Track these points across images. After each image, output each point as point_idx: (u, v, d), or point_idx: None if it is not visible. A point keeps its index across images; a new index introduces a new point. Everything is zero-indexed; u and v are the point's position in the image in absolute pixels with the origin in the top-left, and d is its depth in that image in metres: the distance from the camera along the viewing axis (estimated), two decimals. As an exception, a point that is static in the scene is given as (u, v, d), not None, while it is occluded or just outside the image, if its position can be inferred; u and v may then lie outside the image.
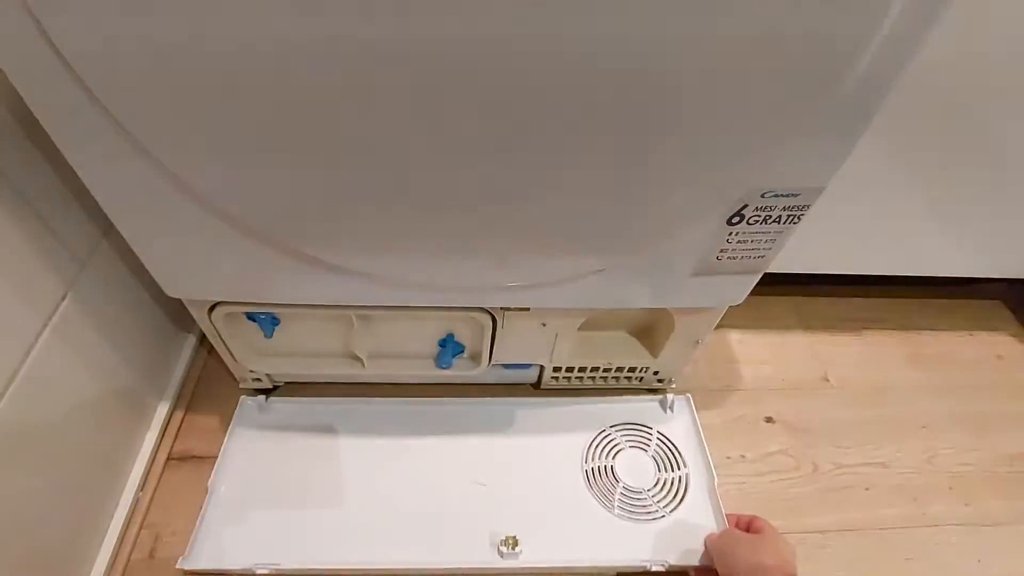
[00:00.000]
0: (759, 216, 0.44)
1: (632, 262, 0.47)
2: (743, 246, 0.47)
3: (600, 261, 0.46)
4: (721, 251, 0.47)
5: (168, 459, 0.66)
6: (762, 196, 0.42)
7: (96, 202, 0.41)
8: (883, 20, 0.31)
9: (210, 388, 0.72)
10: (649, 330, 0.68)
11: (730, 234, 0.45)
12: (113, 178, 0.40)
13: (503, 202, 0.41)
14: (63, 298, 0.51)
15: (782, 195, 0.42)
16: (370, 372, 0.65)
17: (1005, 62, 0.54)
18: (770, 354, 0.83)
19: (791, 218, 0.44)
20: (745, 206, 0.43)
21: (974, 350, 0.87)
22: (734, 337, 0.84)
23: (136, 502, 0.61)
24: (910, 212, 0.71)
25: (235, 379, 0.69)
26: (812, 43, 0.32)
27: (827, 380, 0.81)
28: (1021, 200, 0.71)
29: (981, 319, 0.91)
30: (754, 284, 0.53)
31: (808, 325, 0.87)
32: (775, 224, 0.45)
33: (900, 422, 0.77)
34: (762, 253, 0.48)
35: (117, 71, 0.32)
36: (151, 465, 0.64)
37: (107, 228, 0.57)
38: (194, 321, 0.58)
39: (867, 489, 0.70)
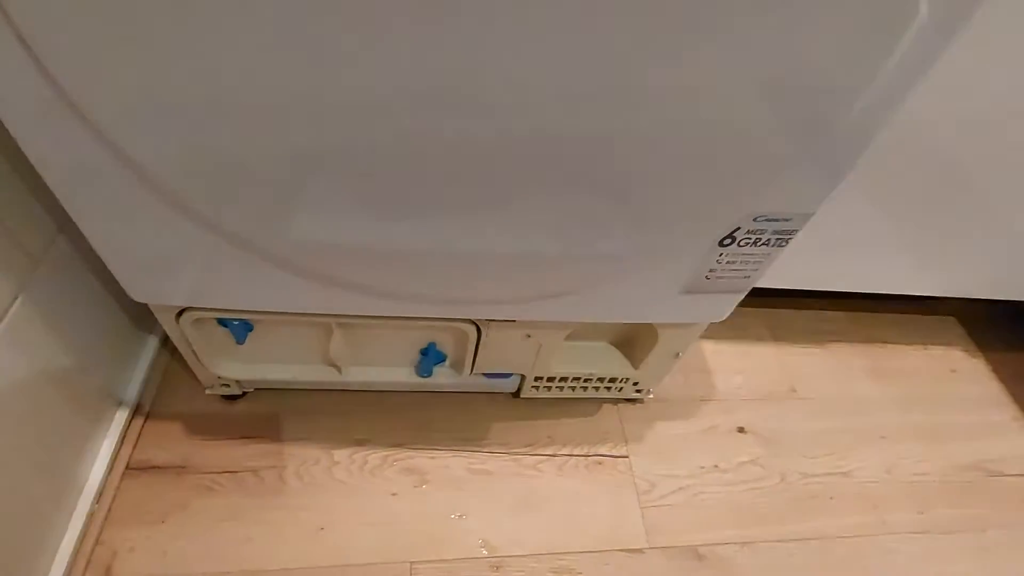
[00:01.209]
0: (750, 239, 0.44)
1: (623, 281, 0.47)
2: (732, 267, 0.47)
3: (591, 282, 0.46)
4: (711, 271, 0.47)
5: (126, 469, 0.62)
6: (755, 220, 0.42)
7: (52, 194, 0.38)
8: (876, 75, 0.32)
9: (173, 393, 0.68)
10: (631, 341, 0.69)
11: (720, 255, 0.46)
12: (72, 171, 0.37)
13: (494, 218, 0.40)
14: (14, 300, 0.47)
15: (774, 219, 0.43)
16: (347, 379, 0.63)
17: (957, 91, 0.56)
18: (742, 365, 0.85)
19: (780, 241, 0.45)
20: (737, 229, 0.43)
21: (929, 364, 0.92)
22: (708, 347, 0.85)
23: (91, 516, 0.58)
24: (872, 234, 0.74)
25: (200, 384, 0.66)
26: (812, 94, 0.33)
27: (795, 391, 0.83)
28: (975, 223, 0.75)
29: (936, 334, 0.96)
30: (738, 302, 0.53)
31: (777, 337, 0.89)
32: (764, 247, 0.45)
33: (862, 433, 0.80)
34: (748, 274, 0.49)
35: (68, 34, 0.29)
36: (108, 476, 0.60)
37: (63, 223, 0.53)
38: (157, 321, 0.55)
39: (831, 498, 0.73)
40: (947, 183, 0.67)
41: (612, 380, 0.70)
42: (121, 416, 0.64)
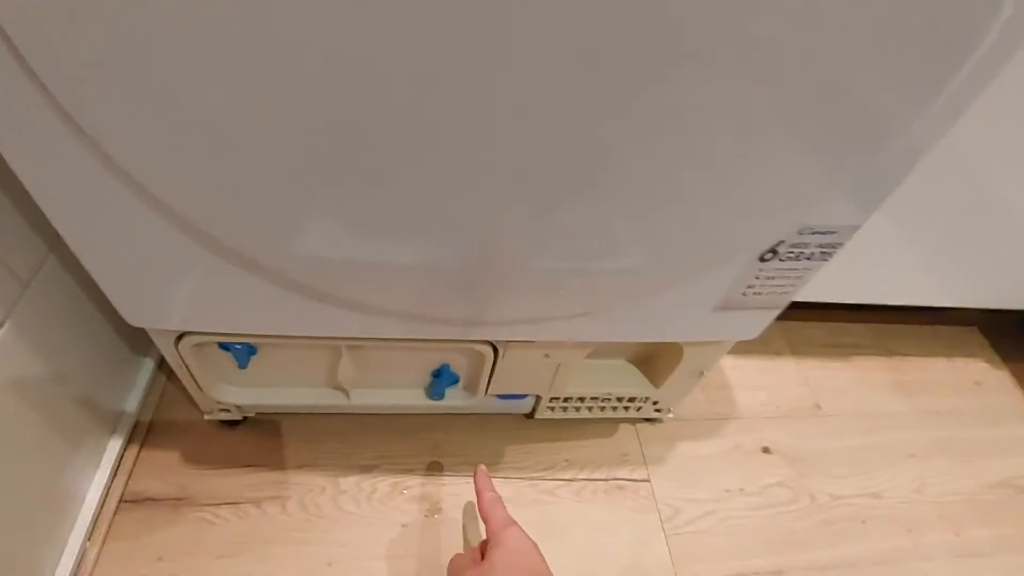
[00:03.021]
0: (792, 253, 0.41)
1: (654, 299, 0.44)
2: (771, 282, 0.44)
3: (620, 300, 0.43)
4: (748, 287, 0.44)
5: (120, 502, 0.58)
6: (799, 233, 0.40)
7: (42, 212, 0.35)
8: (944, 90, 0.30)
9: (170, 420, 0.65)
10: (651, 358, 0.65)
11: (760, 270, 0.43)
12: (65, 188, 0.33)
13: (522, 236, 0.37)
14: (0, 326, 0.44)
15: (819, 232, 0.40)
16: (354, 403, 0.60)
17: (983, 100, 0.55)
18: (763, 380, 0.82)
19: (823, 255, 0.42)
20: (781, 243, 0.40)
21: (953, 376, 0.89)
22: (727, 362, 0.82)
23: (83, 553, 0.54)
24: (893, 245, 0.72)
25: (199, 409, 0.62)
26: (869, 112, 0.31)
27: (819, 407, 0.80)
28: (998, 232, 0.72)
29: (958, 345, 0.93)
30: (773, 319, 0.50)
31: (797, 350, 0.86)
32: (806, 261, 0.43)
33: (890, 450, 0.77)
34: (787, 289, 0.46)
35: (51, 34, 0.26)
36: (100, 510, 0.57)
37: (54, 242, 0.50)
38: (153, 343, 0.51)
39: (863, 521, 0.69)
40: (969, 192, 0.65)
41: (631, 399, 0.67)
42: (115, 445, 0.60)
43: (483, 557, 0.46)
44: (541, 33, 0.26)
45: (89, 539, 0.55)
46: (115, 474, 0.59)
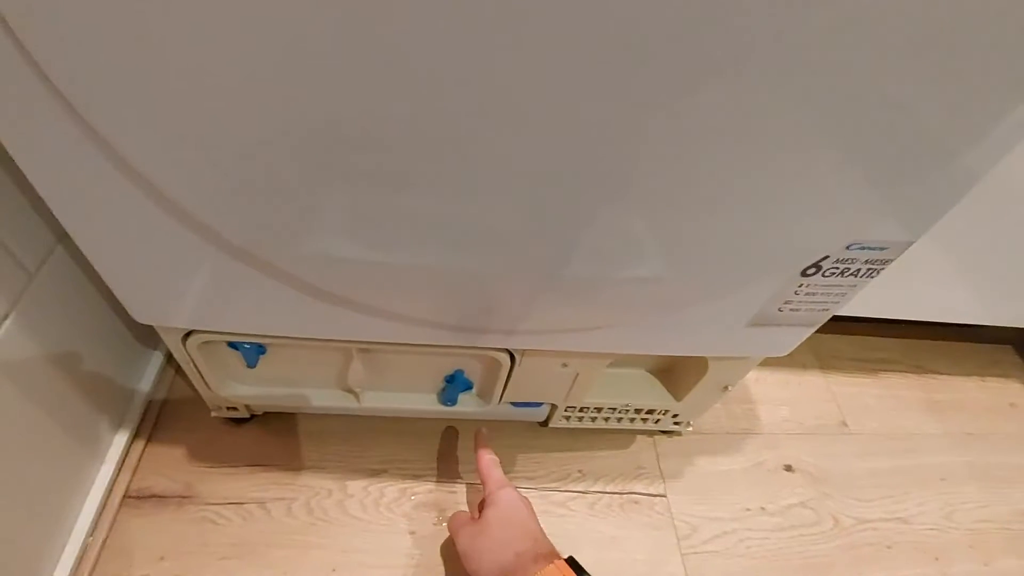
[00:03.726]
0: (837, 269, 0.39)
1: (686, 312, 0.42)
2: (811, 299, 0.41)
3: (652, 313, 0.40)
4: (785, 303, 0.42)
5: (124, 498, 0.57)
6: (847, 248, 0.37)
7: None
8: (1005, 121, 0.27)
9: (177, 415, 0.63)
10: (673, 370, 0.63)
11: (800, 286, 0.40)
12: (71, 184, 0.32)
13: (553, 245, 0.35)
14: (5, 317, 0.43)
15: (869, 248, 0.37)
16: (364, 406, 0.58)
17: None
18: (787, 395, 0.78)
19: (870, 272, 0.39)
20: (825, 257, 0.37)
21: (987, 397, 0.85)
22: (750, 375, 0.79)
23: (85, 549, 0.53)
24: (927, 259, 0.68)
25: (207, 405, 0.61)
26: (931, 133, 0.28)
27: (845, 425, 0.77)
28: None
29: (992, 364, 0.89)
30: (807, 336, 0.48)
31: (825, 365, 0.83)
32: (851, 277, 0.40)
33: (919, 473, 0.74)
34: (827, 306, 0.43)
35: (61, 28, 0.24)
36: (104, 505, 0.55)
37: (62, 233, 0.48)
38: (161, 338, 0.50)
39: (889, 547, 0.66)
40: (1010, 207, 0.61)
41: (650, 411, 0.65)
42: (120, 440, 0.59)
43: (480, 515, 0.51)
44: (589, 30, 0.23)
45: (91, 535, 0.54)
46: (120, 469, 0.58)
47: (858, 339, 0.87)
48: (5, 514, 0.45)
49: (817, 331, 0.86)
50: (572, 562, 0.45)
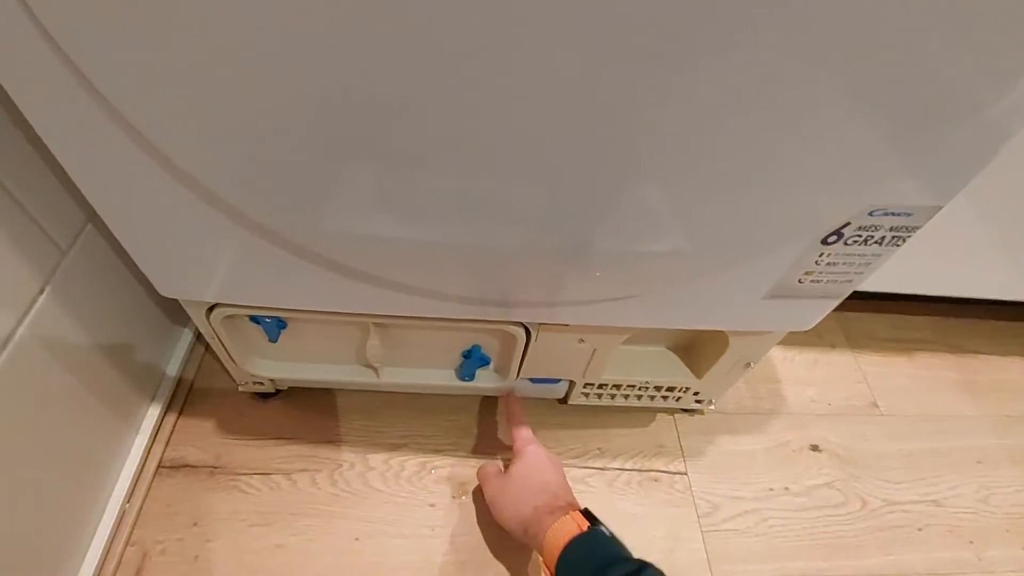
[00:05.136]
0: (859, 236, 0.37)
1: (700, 282, 0.41)
2: (832, 269, 0.40)
3: (667, 284, 0.40)
4: (806, 273, 0.40)
5: (159, 467, 0.60)
6: (870, 214, 0.35)
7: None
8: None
9: (207, 389, 0.66)
10: (694, 347, 0.62)
11: (821, 255, 0.39)
12: (95, 160, 0.33)
13: (573, 216, 0.34)
14: (40, 292, 0.45)
15: (893, 213, 0.35)
16: (384, 381, 0.59)
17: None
18: (816, 375, 0.76)
19: (895, 240, 0.38)
20: (847, 224, 0.36)
21: (1029, 378, 0.81)
22: (776, 354, 0.77)
23: (122, 515, 0.56)
24: (963, 232, 0.64)
25: (235, 381, 0.63)
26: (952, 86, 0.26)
27: (876, 406, 0.74)
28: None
29: (1036, 345, 0.85)
30: (831, 310, 0.46)
31: (855, 343, 0.81)
32: (875, 246, 0.38)
33: (954, 455, 0.71)
34: (851, 277, 0.41)
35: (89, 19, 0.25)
36: (139, 474, 0.58)
37: (92, 212, 0.50)
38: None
39: (920, 530, 0.64)
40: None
41: (670, 389, 0.64)
42: (154, 412, 0.61)
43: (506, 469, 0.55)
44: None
45: (128, 502, 0.56)
46: (153, 440, 0.61)
47: (890, 317, 0.84)
48: (50, 480, 0.48)
49: (847, 309, 0.84)
50: (587, 513, 0.47)
